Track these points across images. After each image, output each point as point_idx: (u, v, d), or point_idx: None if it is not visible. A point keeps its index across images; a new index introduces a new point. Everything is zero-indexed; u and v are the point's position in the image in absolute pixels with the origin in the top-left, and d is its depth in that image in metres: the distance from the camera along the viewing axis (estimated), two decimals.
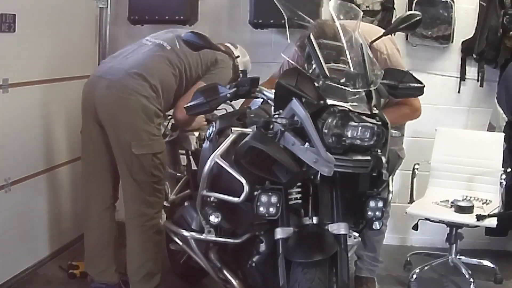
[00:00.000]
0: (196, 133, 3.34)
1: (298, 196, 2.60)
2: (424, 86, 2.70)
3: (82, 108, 3.39)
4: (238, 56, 3.58)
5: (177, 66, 3.27)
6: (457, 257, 4.04)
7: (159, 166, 3.29)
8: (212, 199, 2.74)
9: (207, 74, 3.35)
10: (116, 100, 3.19)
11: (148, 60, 3.26)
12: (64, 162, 4.18)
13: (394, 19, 4.32)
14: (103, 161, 3.38)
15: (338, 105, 2.39)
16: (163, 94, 3.25)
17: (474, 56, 4.47)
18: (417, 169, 4.19)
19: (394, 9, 4.41)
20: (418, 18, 2.66)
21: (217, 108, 2.73)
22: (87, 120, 3.36)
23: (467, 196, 4.04)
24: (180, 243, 3.20)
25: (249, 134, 2.54)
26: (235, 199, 2.59)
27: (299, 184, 2.58)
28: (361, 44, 2.48)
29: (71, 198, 4.29)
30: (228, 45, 3.61)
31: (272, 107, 2.60)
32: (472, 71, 4.55)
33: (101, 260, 3.52)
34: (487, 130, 4.41)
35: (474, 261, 4.12)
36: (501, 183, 4.07)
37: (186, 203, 3.26)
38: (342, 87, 2.43)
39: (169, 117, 3.73)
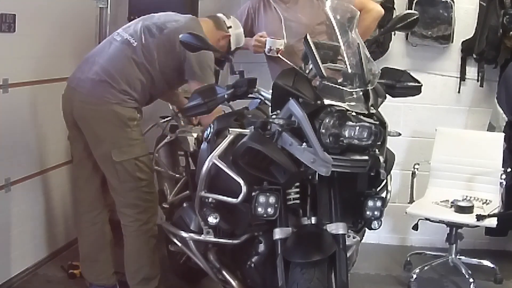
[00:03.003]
0: (195, 134, 3.33)
1: (296, 196, 2.60)
2: (421, 85, 2.70)
3: (64, 117, 3.41)
4: (230, 27, 3.46)
5: (145, 63, 3.21)
6: (457, 257, 4.04)
7: (144, 169, 3.29)
8: (210, 200, 2.74)
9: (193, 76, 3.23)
10: (89, 112, 3.22)
11: (112, 63, 3.22)
12: (64, 162, 4.18)
13: None
14: (88, 166, 3.40)
15: (336, 105, 2.39)
16: (136, 94, 3.23)
17: (474, 56, 4.47)
18: (417, 169, 4.19)
19: (394, 9, 4.41)
20: (415, 17, 2.66)
21: None
22: (70, 128, 3.40)
23: (467, 196, 4.04)
24: (179, 244, 3.20)
25: (246, 135, 2.54)
26: (233, 200, 2.60)
27: (297, 184, 2.58)
28: (358, 44, 2.48)
29: (71, 198, 4.27)
30: (220, 15, 3.50)
31: (270, 108, 2.60)
32: (472, 71, 4.54)
33: (97, 264, 3.52)
34: (487, 130, 4.41)
35: (474, 261, 4.11)
36: (501, 183, 4.06)
37: (185, 204, 3.27)
38: (339, 87, 2.43)
39: (168, 117, 3.74)
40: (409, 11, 3.37)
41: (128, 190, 3.29)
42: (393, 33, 4.39)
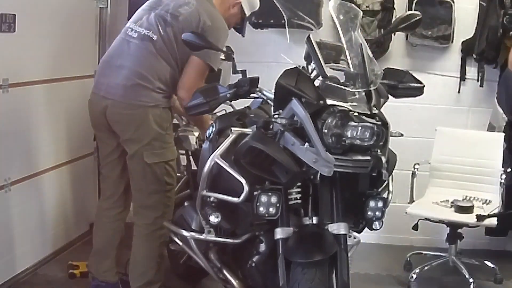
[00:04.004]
0: (196, 133, 3.34)
1: (298, 196, 2.60)
2: (424, 86, 2.71)
3: (93, 124, 3.39)
4: None
5: (169, 55, 3.17)
6: (457, 257, 4.05)
7: (171, 173, 3.29)
8: (212, 199, 2.74)
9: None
10: (125, 117, 3.18)
11: (140, 63, 3.17)
12: (64, 162, 4.18)
13: (394, 19, 4.32)
14: (118, 168, 3.39)
15: (338, 105, 2.39)
16: (170, 88, 3.21)
17: (474, 56, 4.47)
18: (417, 169, 4.20)
19: (394, 9, 4.42)
20: (418, 18, 2.67)
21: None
22: (101, 131, 3.37)
23: (467, 196, 4.05)
24: (180, 243, 3.20)
25: (249, 134, 2.54)
26: (235, 199, 2.60)
27: (299, 184, 2.59)
28: (361, 44, 2.48)
29: (71, 198, 4.29)
30: None
31: (272, 107, 2.61)
32: (472, 71, 4.55)
33: (107, 260, 3.51)
34: (487, 130, 4.42)
35: (474, 261, 4.12)
36: (501, 183, 4.06)
37: (186, 203, 3.27)
38: (342, 87, 2.44)
39: None
40: (412, 12, 3.36)
41: (153, 192, 3.28)
42: (393, 33, 4.39)
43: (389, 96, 2.63)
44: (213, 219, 2.75)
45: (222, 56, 3.44)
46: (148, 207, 3.30)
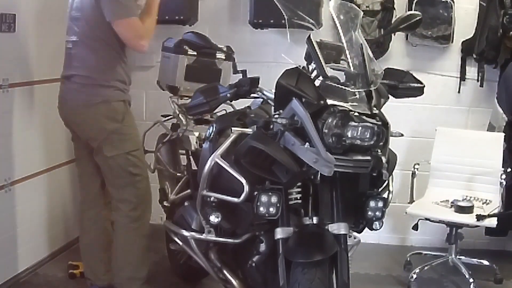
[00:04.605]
0: (197, 133, 3.34)
1: (298, 196, 2.60)
2: (424, 86, 2.71)
3: (66, 126, 3.48)
4: None
5: (99, 44, 3.22)
6: (457, 257, 4.04)
7: (137, 163, 3.33)
8: (212, 199, 2.74)
9: None
10: (80, 117, 3.29)
11: (79, 66, 3.26)
12: (64, 162, 4.18)
13: (394, 19, 4.32)
14: (90, 165, 3.44)
15: (338, 105, 2.39)
16: (116, 77, 3.26)
17: (474, 56, 4.47)
18: (417, 169, 4.20)
19: (394, 9, 4.41)
20: (418, 18, 2.67)
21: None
22: (71, 131, 3.49)
23: (467, 196, 4.04)
24: (180, 243, 3.21)
25: (249, 134, 2.55)
26: (235, 199, 2.60)
27: (299, 184, 2.59)
28: (361, 44, 2.49)
29: (71, 198, 4.29)
30: None
31: (272, 107, 2.61)
32: (472, 71, 4.55)
33: (101, 264, 3.51)
34: (487, 130, 4.41)
35: (474, 261, 4.11)
36: (501, 183, 4.06)
37: (186, 203, 3.27)
38: (342, 87, 2.44)
39: (170, 116, 3.74)
40: (412, 12, 3.36)
41: (123, 185, 3.32)
42: (393, 33, 4.39)
43: (389, 96, 2.63)
44: (213, 219, 2.75)
45: (222, 56, 3.46)
46: (121, 200, 3.35)
